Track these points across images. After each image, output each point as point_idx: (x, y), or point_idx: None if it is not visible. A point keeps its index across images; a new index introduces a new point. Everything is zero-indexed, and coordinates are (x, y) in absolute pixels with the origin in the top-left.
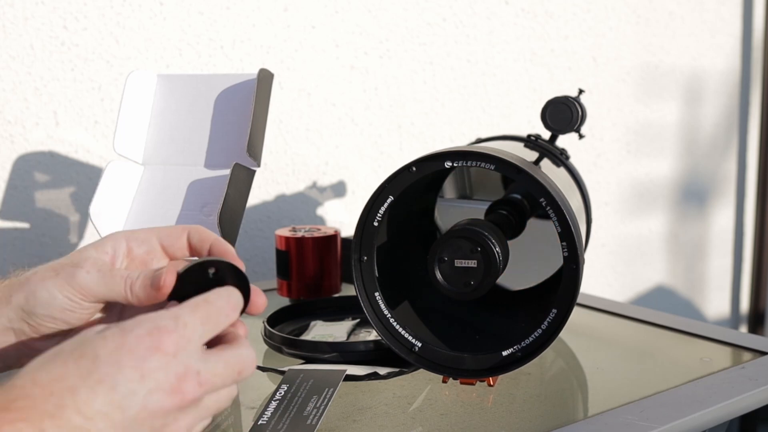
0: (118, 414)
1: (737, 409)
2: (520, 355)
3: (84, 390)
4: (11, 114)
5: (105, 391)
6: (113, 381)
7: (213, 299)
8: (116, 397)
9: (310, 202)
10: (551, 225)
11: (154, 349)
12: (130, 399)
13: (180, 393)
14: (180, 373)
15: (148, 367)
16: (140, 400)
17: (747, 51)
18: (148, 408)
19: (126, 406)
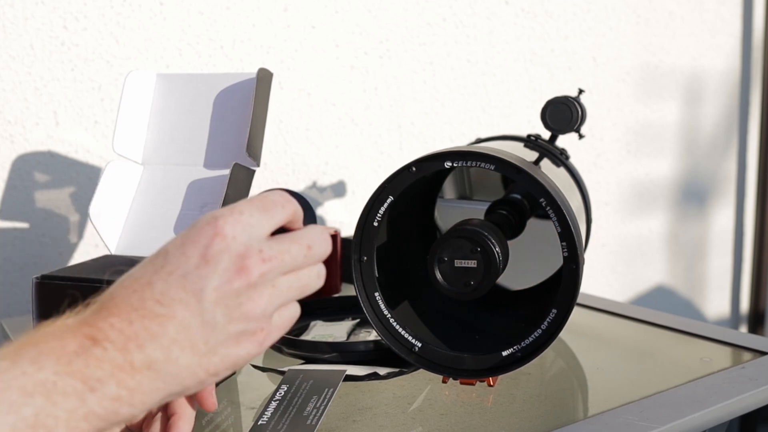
0: (193, 299)
1: (737, 409)
2: (520, 355)
3: (159, 282)
4: (11, 114)
5: (177, 280)
6: (183, 270)
7: (267, 193)
8: (188, 284)
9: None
10: (551, 225)
11: (214, 234)
12: (201, 283)
13: (245, 270)
14: (242, 253)
15: (211, 253)
16: (210, 282)
17: (747, 51)
18: (219, 289)
19: (197, 290)
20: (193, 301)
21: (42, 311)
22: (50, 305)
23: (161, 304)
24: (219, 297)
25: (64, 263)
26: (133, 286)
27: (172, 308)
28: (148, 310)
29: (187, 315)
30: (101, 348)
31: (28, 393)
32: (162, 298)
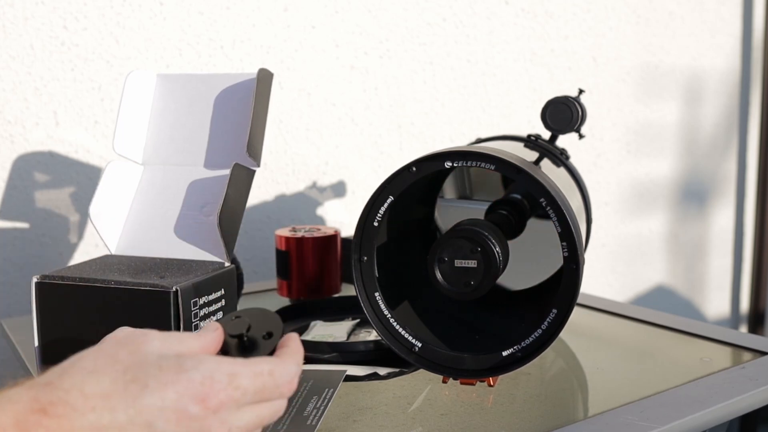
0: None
1: (737, 409)
2: (520, 356)
3: (123, 416)
4: (11, 114)
5: (141, 425)
6: (152, 417)
7: (278, 374)
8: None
9: (310, 202)
10: (551, 225)
11: (200, 400)
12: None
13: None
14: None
15: (188, 414)
16: None
17: (747, 51)
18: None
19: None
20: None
21: (42, 311)
22: (50, 305)
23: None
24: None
25: (64, 263)
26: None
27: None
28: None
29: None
30: None
31: None
32: None
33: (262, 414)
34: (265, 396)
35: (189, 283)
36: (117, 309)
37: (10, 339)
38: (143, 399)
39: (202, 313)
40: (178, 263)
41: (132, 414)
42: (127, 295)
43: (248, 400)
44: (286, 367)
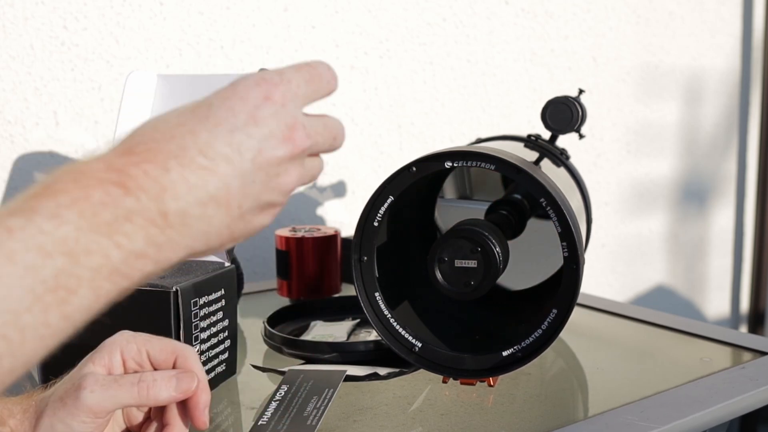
0: (237, 156)
1: (737, 409)
2: (520, 356)
3: (204, 132)
4: (11, 114)
5: (224, 134)
6: (230, 124)
7: (314, 64)
8: (234, 140)
9: (310, 202)
10: (551, 225)
11: (264, 98)
12: (247, 142)
13: (291, 141)
14: (290, 123)
15: (260, 115)
16: (256, 144)
17: (747, 51)
18: (264, 153)
19: (244, 149)
20: (238, 160)
21: None
22: None
23: (204, 155)
24: (262, 161)
25: None
26: (172, 132)
27: (216, 162)
28: (189, 159)
29: (229, 172)
30: (134, 197)
31: (47, 253)
32: (206, 150)
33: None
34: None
35: (189, 283)
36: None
37: None
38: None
39: (202, 313)
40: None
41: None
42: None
43: (303, 91)
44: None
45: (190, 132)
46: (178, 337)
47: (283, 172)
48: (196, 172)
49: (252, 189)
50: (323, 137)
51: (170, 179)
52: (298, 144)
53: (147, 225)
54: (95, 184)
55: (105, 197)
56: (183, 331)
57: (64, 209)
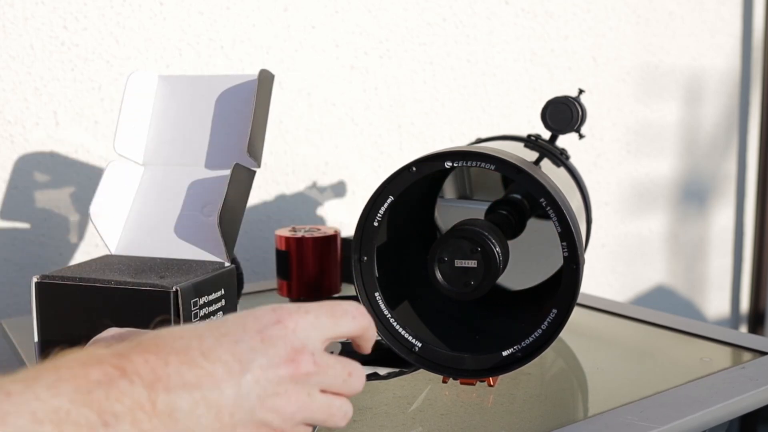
0: (237, 366)
1: (737, 409)
2: (520, 355)
3: (210, 338)
4: (11, 114)
5: (229, 344)
6: (237, 337)
7: (342, 302)
8: (237, 351)
9: (310, 202)
10: (551, 225)
11: (276, 321)
12: (250, 355)
13: (294, 363)
14: (297, 347)
15: (268, 334)
16: (258, 358)
17: (747, 51)
18: (264, 369)
19: (245, 361)
20: (237, 369)
21: (42, 311)
22: (50, 305)
23: (205, 357)
24: (261, 377)
25: (64, 263)
26: (182, 333)
27: (214, 366)
28: (189, 357)
29: (225, 378)
30: (128, 380)
31: (38, 420)
32: (208, 353)
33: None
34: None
35: (189, 283)
36: (117, 309)
37: (10, 339)
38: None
39: (202, 313)
40: (178, 263)
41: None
42: (127, 295)
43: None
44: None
45: (198, 336)
46: None
47: (282, 393)
48: (193, 370)
49: (246, 402)
50: (334, 371)
51: (167, 371)
52: (301, 367)
53: (135, 409)
54: (96, 365)
55: (102, 377)
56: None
57: (62, 382)
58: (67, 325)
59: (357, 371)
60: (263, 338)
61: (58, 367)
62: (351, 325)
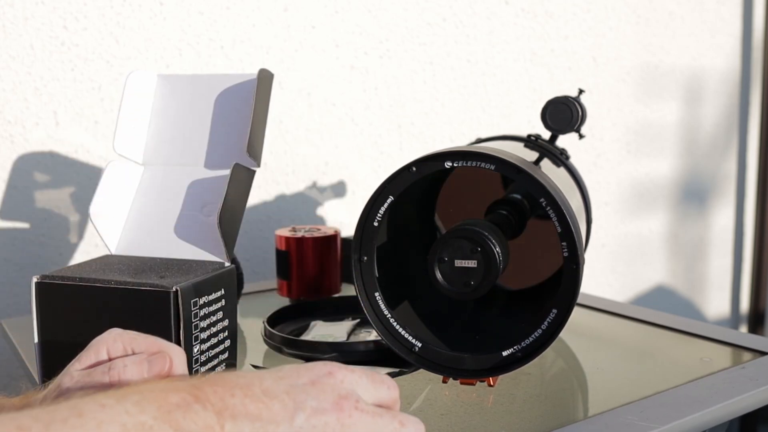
0: (291, 404)
1: (737, 409)
2: (520, 355)
3: (269, 380)
4: (11, 114)
5: (285, 386)
6: (293, 380)
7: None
8: (292, 392)
9: (310, 202)
10: (551, 225)
11: (327, 373)
12: (302, 396)
13: (340, 407)
14: (343, 394)
15: (320, 381)
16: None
17: (747, 51)
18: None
19: (298, 401)
20: (291, 407)
21: (42, 311)
22: (50, 305)
23: (265, 394)
24: (311, 416)
25: (64, 263)
26: (246, 375)
27: (272, 402)
28: (251, 392)
29: (281, 413)
30: (201, 405)
31: (127, 430)
32: (267, 391)
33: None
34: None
35: (189, 283)
36: (117, 309)
37: (10, 339)
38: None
39: (202, 313)
40: (178, 263)
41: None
42: (127, 295)
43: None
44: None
45: (258, 377)
46: (177, 337)
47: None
48: (254, 403)
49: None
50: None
51: (233, 402)
52: (345, 411)
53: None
54: (175, 391)
55: (180, 401)
56: (183, 331)
57: (147, 402)
58: (67, 325)
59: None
60: (314, 384)
61: (142, 391)
62: (385, 393)
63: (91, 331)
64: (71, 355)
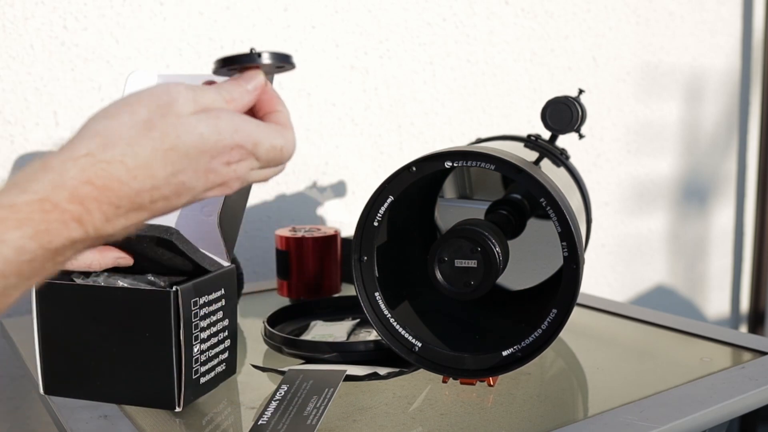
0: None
1: (737, 409)
2: (520, 355)
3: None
4: (11, 114)
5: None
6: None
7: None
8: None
9: (310, 202)
10: (551, 225)
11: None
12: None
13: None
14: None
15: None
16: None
17: (747, 51)
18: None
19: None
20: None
21: (42, 311)
22: (50, 305)
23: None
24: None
25: None
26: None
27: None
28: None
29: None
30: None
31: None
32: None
33: (266, 175)
34: (271, 164)
35: (189, 283)
36: (117, 309)
37: (11, 339)
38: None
39: (202, 312)
40: None
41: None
42: (127, 295)
43: (259, 165)
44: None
45: (151, 177)
46: (178, 337)
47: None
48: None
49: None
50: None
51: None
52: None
53: (83, 247)
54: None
55: (62, 228)
56: (183, 331)
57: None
58: (67, 325)
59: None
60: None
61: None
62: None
63: (91, 331)
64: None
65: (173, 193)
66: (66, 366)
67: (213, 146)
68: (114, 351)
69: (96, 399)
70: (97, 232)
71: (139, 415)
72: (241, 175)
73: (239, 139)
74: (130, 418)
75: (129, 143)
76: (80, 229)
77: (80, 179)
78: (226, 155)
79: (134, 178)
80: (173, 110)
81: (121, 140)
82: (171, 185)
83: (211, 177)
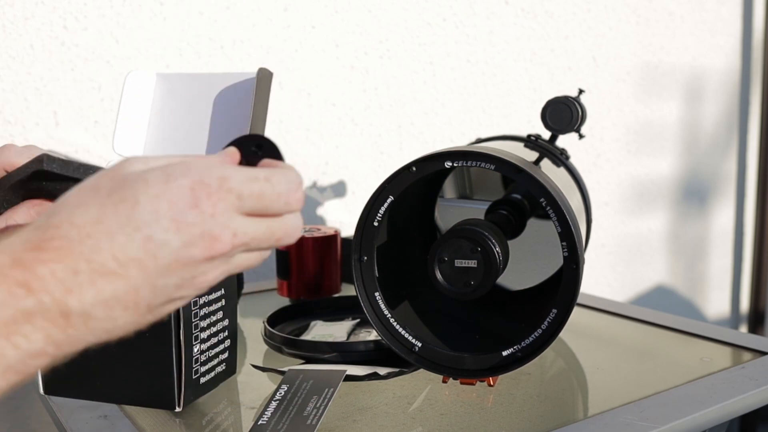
0: (151, 262)
1: (737, 409)
2: (520, 355)
3: (121, 236)
4: (11, 114)
5: (141, 240)
6: (150, 230)
7: (275, 180)
8: (151, 246)
9: (310, 202)
10: (551, 225)
11: (192, 205)
12: (164, 249)
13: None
14: (215, 233)
15: (184, 221)
16: (173, 251)
17: (747, 51)
18: (180, 259)
19: (159, 256)
20: (152, 265)
21: None
22: None
23: (117, 261)
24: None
25: None
26: (89, 230)
27: (128, 267)
28: (100, 263)
29: (140, 278)
30: (36, 299)
31: None
32: (120, 255)
33: (273, 227)
34: (266, 204)
35: None
36: None
37: None
38: (136, 215)
39: (202, 312)
40: None
41: (129, 232)
42: None
43: (248, 206)
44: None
45: (107, 233)
46: (178, 337)
47: (200, 274)
48: (105, 277)
49: (163, 291)
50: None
51: (77, 282)
52: (217, 251)
53: (47, 326)
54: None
55: (7, 297)
56: (183, 331)
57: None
58: None
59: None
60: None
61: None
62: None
63: None
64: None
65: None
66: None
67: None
68: (114, 351)
69: (96, 399)
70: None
71: (139, 415)
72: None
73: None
74: (130, 418)
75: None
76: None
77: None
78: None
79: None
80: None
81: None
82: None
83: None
